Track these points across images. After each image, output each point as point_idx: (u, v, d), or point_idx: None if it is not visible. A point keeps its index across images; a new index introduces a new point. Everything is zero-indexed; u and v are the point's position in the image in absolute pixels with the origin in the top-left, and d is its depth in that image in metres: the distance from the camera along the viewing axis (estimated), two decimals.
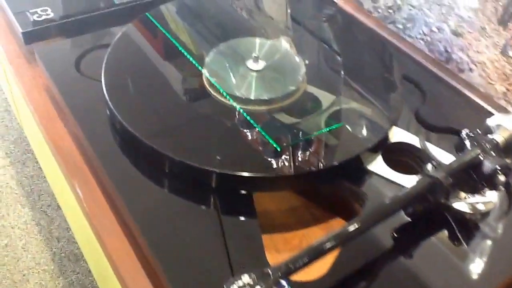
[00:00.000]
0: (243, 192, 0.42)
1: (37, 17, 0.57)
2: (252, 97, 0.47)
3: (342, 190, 0.46)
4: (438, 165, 0.43)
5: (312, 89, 0.50)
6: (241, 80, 0.49)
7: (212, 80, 0.48)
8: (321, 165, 0.43)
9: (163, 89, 0.51)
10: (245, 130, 0.46)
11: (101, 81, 0.49)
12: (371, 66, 0.56)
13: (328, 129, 0.46)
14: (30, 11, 0.57)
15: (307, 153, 0.44)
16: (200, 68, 0.51)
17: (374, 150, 0.46)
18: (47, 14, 0.57)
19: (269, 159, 0.43)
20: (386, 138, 0.47)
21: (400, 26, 0.58)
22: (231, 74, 0.50)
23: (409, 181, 0.44)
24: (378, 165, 0.45)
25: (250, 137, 0.46)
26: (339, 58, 0.55)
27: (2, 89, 1.20)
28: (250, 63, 0.50)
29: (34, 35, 0.56)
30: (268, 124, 0.47)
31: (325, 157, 0.44)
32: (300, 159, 0.44)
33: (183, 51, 0.54)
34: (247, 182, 0.42)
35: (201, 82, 0.50)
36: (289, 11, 0.63)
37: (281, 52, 0.53)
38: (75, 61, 0.52)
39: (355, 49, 0.58)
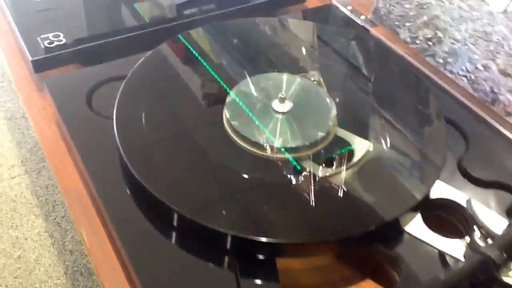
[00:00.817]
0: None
1: (49, 43, 0.52)
2: (275, 145, 0.42)
3: (374, 251, 0.40)
4: (487, 234, 0.37)
5: (343, 134, 0.45)
6: (264, 124, 0.44)
7: (234, 123, 0.43)
8: (353, 229, 0.38)
9: (181, 133, 0.45)
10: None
11: (112, 120, 0.44)
12: (409, 105, 0.50)
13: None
14: (42, 36, 0.53)
15: (337, 214, 0.39)
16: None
17: (413, 209, 0.40)
18: (59, 40, 0.52)
19: (295, 222, 0.38)
20: (427, 195, 0.41)
21: (441, 61, 0.52)
22: (254, 117, 0.44)
23: (451, 246, 0.38)
24: (416, 226, 0.40)
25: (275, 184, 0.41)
26: (372, 95, 0.49)
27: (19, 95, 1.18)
28: (276, 104, 0.45)
29: (44, 64, 0.51)
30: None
31: (358, 219, 0.39)
32: (329, 221, 0.39)
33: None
34: (268, 248, 0.37)
35: (221, 125, 0.45)
36: (316, 36, 0.58)
37: (309, 90, 0.47)
38: (86, 95, 0.47)
39: (390, 84, 0.52)
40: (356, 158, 0.42)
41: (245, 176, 0.41)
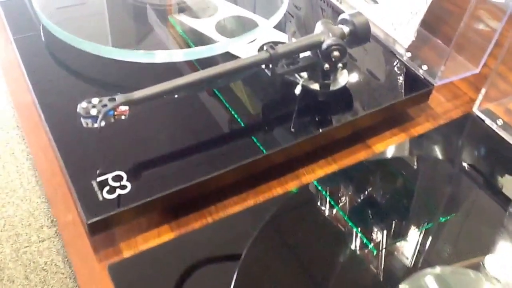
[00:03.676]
0: None
1: (108, 191, 0.36)
2: None
3: None
4: None
5: None
6: None
7: None
8: None
9: None
10: None
11: None
12: None
13: None
14: (98, 180, 0.37)
15: None
16: None
17: None
18: (122, 186, 0.37)
19: None
20: None
21: None
22: None
23: None
24: None
25: None
26: None
27: None
28: None
29: (104, 225, 0.35)
30: None
31: None
32: None
33: None
34: None
35: None
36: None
37: None
38: None
39: None
40: None
41: None
